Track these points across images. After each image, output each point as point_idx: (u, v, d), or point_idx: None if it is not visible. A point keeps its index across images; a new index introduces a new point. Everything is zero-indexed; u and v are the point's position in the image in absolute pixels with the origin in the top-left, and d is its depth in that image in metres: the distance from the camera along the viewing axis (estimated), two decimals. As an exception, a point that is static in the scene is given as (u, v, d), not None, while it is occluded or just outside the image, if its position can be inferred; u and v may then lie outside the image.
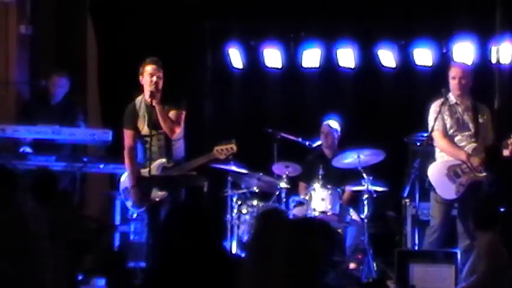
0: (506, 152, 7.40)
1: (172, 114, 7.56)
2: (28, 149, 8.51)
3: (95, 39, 10.04)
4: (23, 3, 9.80)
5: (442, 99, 7.63)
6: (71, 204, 7.88)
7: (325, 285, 4.10)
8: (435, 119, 7.56)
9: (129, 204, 7.77)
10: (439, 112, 7.57)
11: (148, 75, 7.52)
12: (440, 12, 9.31)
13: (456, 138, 7.65)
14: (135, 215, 8.20)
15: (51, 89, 8.88)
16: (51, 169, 7.55)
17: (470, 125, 7.66)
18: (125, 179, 7.79)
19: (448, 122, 7.65)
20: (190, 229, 3.87)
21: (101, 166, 8.61)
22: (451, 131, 7.66)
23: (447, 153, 7.61)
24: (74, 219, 6.53)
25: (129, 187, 7.65)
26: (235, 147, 7.48)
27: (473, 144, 7.60)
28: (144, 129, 7.55)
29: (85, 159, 8.54)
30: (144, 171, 7.47)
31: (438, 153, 7.70)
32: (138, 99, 7.66)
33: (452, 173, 7.53)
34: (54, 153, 8.55)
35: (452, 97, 7.68)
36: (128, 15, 9.89)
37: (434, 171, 7.59)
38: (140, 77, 7.57)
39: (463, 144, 7.62)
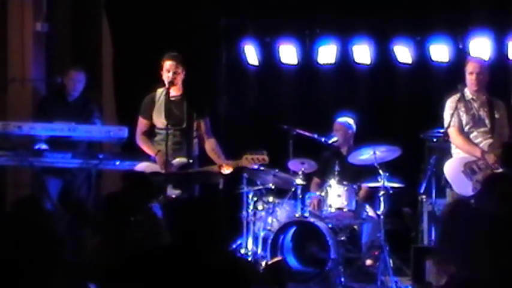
0: None
1: (202, 122, 7.60)
2: (44, 146, 8.52)
3: (110, 37, 10.06)
4: (39, 1, 9.84)
5: (458, 95, 7.59)
6: None
7: None
8: (451, 115, 7.52)
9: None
10: (456, 108, 7.53)
11: (166, 71, 7.57)
12: (457, 7, 9.26)
13: (472, 135, 7.61)
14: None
15: (68, 84, 8.88)
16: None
17: (486, 121, 7.61)
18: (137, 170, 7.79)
19: (464, 119, 7.61)
20: (184, 224, 3.89)
21: (117, 163, 8.61)
22: (467, 127, 7.62)
23: (462, 150, 7.57)
24: None
25: (154, 168, 7.61)
26: (267, 159, 7.47)
27: (489, 140, 7.56)
28: (159, 122, 7.56)
29: (101, 156, 8.55)
30: (161, 166, 7.47)
31: (454, 150, 7.66)
32: (160, 91, 7.68)
33: (469, 169, 7.49)
34: (70, 150, 8.56)
35: (468, 93, 7.64)
36: (143, 12, 9.90)
37: (451, 168, 7.55)
38: (161, 72, 7.61)
39: (478, 140, 7.58)
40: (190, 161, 7.56)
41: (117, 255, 4.53)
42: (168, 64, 7.56)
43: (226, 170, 7.50)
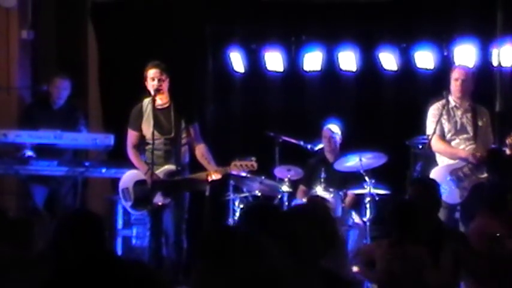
0: (508, 151, 7.40)
1: (192, 129, 7.61)
2: (30, 152, 8.51)
3: (96, 44, 10.04)
4: (25, 9, 9.81)
5: (441, 102, 7.64)
6: None
7: None
8: (435, 123, 7.56)
9: (127, 205, 7.78)
10: (439, 115, 7.57)
11: (150, 79, 7.57)
12: (441, 15, 9.31)
13: (454, 142, 7.66)
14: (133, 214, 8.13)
15: (53, 92, 8.87)
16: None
17: (469, 128, 7.66)
18: (124, 179, 7.79)
19: (446, 126, 7.66)
20: None
21: (103, 171, 8.61)
22: (449, 134, 7.67)
23: (445, 155, 7.61)
24: None
25: (130, 188, 7.62)
26: (255, 165, 7.48)
27: (472, 146, 7.60)
28: (148, 132, 7.56)
29: (87, 164, 8.55)
30: (148, 174, 7.48)
31: (438, 158, 7.70)
32: (146, 101, 7.67)
33: (455, 177, 7.52)
34: (55, 158, 8.55)
35: (451, 100, 7.68)
36: (128, 18, 9.90)
37: (437, 176, 7.56)
38: (145, 82, 7.61)
39: (461, 147, 7.62)
40: (179, 168, 7.57)
41: None
42: (152, 72, 7.56)
43: (216, 177, 7.51)
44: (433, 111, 7.68)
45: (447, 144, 7.63)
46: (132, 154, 7.67)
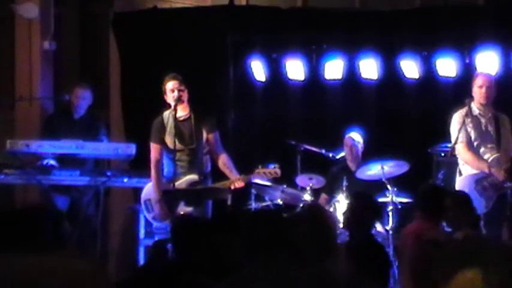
0: None
1: (212, 137, 7.62)
2: (52, 161, 8.55)
3: (118, 54, 10.09)
4: (47, 20, 9.88)
5: (465, 110, 7.60)
6: None
7: None
8: (459, 131, 7.52)
9: (149, 216, 7.80)
10: (463, 123, 7.53)
11: (170, 91, 7.61)
12: (463, 22, 9.27)
13: (480, 150, 7.62)
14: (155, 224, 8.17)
15: (74, 101, 8.93)
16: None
17: (494, 136, 7.62)
18: (147, 191, 7.82)
19: (472, 134, 7.62)
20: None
21: (125, 180, 8.63)
22: (476, 143, 7.63)
23: (471, 166, 7.57)
24: None
25: (153, 200, 7.67)
26: (279, 172, 7.49)
27: (496, 155, 7.55)
28: (172, 144, 7.58)
29: (108, 174, 8.57)
30: (170, 185, 7.51)
31: (462, 166, 7.66)
32: (166, 114, 7.70)
33: (481, 186, 7.48)
34: (77, 167, 8.58)
35: (475, 107, 7.64)
36: (150, 29, 9.94)
37: (463, 186, 7.54)
38: (165, 96, 7.64)
39: (486, 156, 7.59)
40: (201, 178, 7.59)
41: None
42: (171, 84, 7.62)
43: (238, 185, 7.53)
44: (457, 118, 7.64)
45: (474, 154, 7.58)
46: (154, 173, 7.69)
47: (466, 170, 7.61)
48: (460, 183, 7.58)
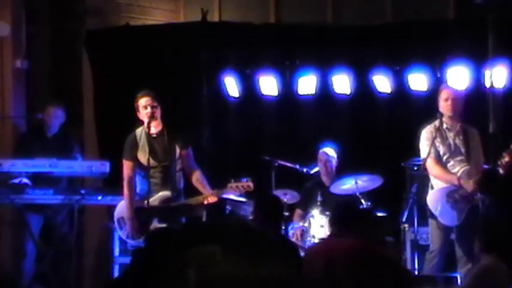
0: (501, 171, 7.41)
1: (185, 153, 7.61)
2: (25, 180, 8.51)
3: (91, 71, 10.07)
4: (19, 38, 9.84)
5: (434, 125, 7.67)
6: None
7: None
8: (429, 146, 7.58)
9: (123, 234, 7.77)
10: (432, 138, 7.60)
11: (143, 108, 7.60)
12: (434, 37, 9.34)
13: (449, 164, 7.68)
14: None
15: (47, 120, 8.91)
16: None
17: (462, 150, 7.69)
18: (119, 209, 7.79)
19: (441, 149, 7.68)
20: None
21: (99, 198, 8.61)
22: (445, 157, 7.69)
23: (441, 180, 7.63)
24: None
25: (125, 218, 7.65)
26: (251, 185, 7.49)
27: (466, 168, 7.62)
28: (145, 161, 7.57)
29: (82, 192, 8.55)
30: (144, 202, 7.49)
31: (433, 180, 7.72)
32: (139, 130, 7.69)
33: (452, 199, 7.53)
34: (51, 186, 8.55)
35: (443, 122, 7.71)
36: (123, 46, 9.94)
37: (434, 200, 7.60)
38: (137, 113, 7.63)
39: (456, 169, 7.64)
40: (174, 194, 7.58)
41: None
42: (143, 101, 7.60)
43: (211, 200, 7.53)
44: (426, 134, 7.71)
45: (443, 169, 7.64)
46: (126, 190, 7.63)
47: (437, 184, 7.66)
48: (431, 197, 7.63)
